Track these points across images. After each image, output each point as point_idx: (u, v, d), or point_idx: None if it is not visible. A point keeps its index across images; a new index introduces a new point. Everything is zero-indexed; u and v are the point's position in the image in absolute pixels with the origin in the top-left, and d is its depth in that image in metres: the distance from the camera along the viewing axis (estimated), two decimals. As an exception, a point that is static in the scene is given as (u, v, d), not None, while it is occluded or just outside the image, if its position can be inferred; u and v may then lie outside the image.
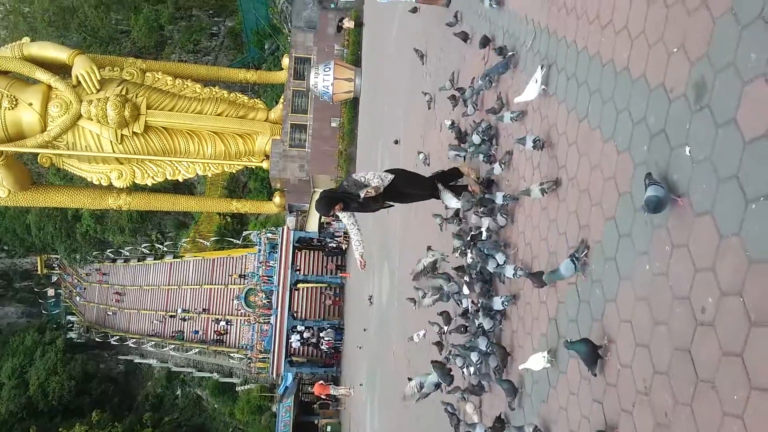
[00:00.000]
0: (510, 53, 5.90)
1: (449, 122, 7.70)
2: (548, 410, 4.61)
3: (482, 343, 5.61)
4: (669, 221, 3.20)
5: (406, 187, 6.57)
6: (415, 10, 12.08)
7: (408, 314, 11.58)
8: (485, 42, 6.72)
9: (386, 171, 6.50)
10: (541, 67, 4.94)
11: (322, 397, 26.27)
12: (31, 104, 25.17)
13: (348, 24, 28.30)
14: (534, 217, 5.17)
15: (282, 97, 29.30)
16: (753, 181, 2.62)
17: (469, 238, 6.24)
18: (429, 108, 10.03)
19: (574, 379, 4.21)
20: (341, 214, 6.47)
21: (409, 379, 6.81)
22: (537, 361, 4.56)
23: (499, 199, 5.67)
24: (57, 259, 56.29)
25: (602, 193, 3.96)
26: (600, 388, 3.83)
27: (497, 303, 5.61)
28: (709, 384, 2.81)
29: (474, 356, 5.67)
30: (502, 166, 5.98)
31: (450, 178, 6.88)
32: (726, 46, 2.83)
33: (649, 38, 3.49)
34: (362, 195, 6.14)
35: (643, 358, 3.37)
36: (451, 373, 6.28)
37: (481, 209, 5.98)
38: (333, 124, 28.57)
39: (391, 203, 6.81)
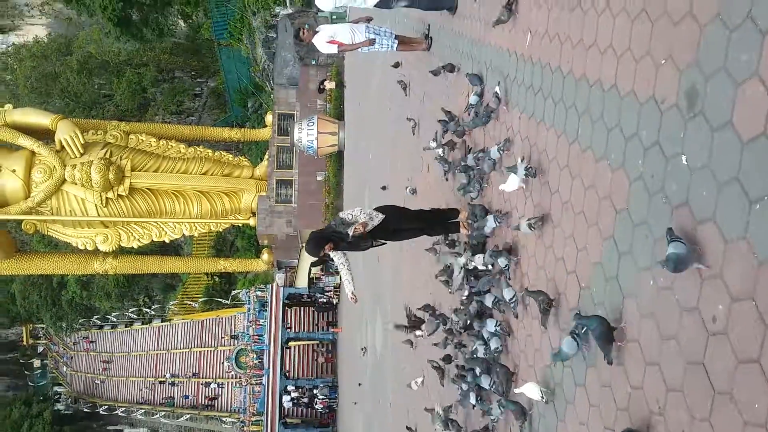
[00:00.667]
0: (495, 95, 5.91)
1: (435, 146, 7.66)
2: (558, 444, 4.44)
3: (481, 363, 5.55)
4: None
5: (397, 223, 6.49)
6: (397, 65, 12.23)
7: (404, 361, 11.35)
8: (451, 68, 6.87)
9: (376, 209, 6.42)
10: (522, 160, 5.01)
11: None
12: (14, 171, 25.07)
13: (329, 85, 28.71)
14: (529, 247, 5.09)
15: (266, 153, 29.44)
16: (755, 182, 2.57)
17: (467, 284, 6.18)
18: (413, 134, 10.13)
19: (583, 409, 4.07)
20: (332, 254, 6.37)
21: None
22: (532, 390, 4.47)
23: (489, 225, 5.64)
24: (43, 328, 55.12)
25: (598, 214, 3.90)
26: (611, 414, 3.68)
27: (490, 326, 5.54)
28: (726, 395, 2.70)
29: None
30: (498, 220, 5.87)
31: (445, 216, 6.83)
32: (715, 51, 2.83)
33: (635, 53, 3.50)
34: (350, 233, 6.06)
35: (655, 377, 3.25)
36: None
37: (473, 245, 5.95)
38: (319, 178, 28.66)
39: (383, 241, 6.73)
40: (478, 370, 5.56)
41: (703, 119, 2.91)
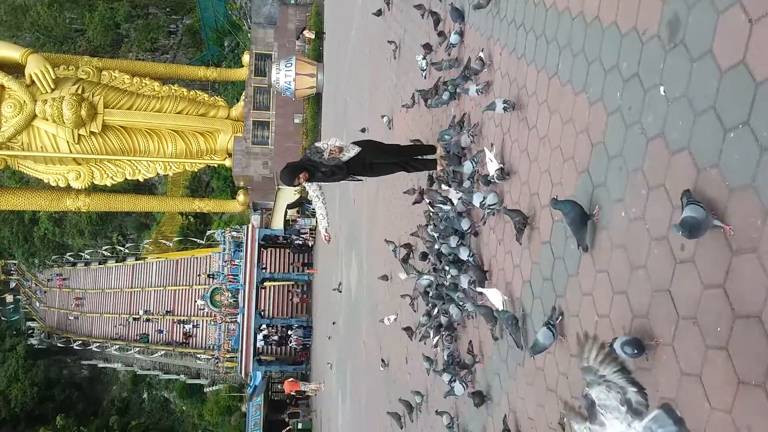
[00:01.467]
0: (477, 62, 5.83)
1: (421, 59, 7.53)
2: (525, 373, 4.58)
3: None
4: (645, 164, 3.18)
5: (374, 156, 6.46)
6: (379, 12, 11.93)
7: (378, 300, 11.52)
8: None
9: (353, 143, 6.38)
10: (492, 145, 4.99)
11: (293, 394, 26.10)
12: (-18, 105, 24.38)
13: (309, 35, 28.03)
14: (504, 185, 5.12)
15: (243, 94, 28.96)
16: (730, 110, 2.60)
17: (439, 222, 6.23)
18: (395, 58, 10.07)
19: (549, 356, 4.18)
20: (307, 185, 6.33)
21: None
22: (495, 296, 4.71)
23: (467, 168, 5.64)
24: (15, 264, 54.76)
25: (575, 148, 3.93)
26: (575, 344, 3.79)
27: (463, 253, 5.62)
28: (690, 320, 2.79)
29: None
30: (472, 138, 5.95)
31: (421, 152, 6.82)
32: (699, -22, 2.81)
33: (619, -17, 3.47)
34: (326, 156, 6.04)
35: (622, 306, 3.34)
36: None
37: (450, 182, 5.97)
38: (296, 120, 28.35)
39: (360, 177, 6.71)
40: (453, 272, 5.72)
41: (683, 49, 2.91)
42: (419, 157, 6.81)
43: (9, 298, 56.71)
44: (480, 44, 5.85)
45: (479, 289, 5.12)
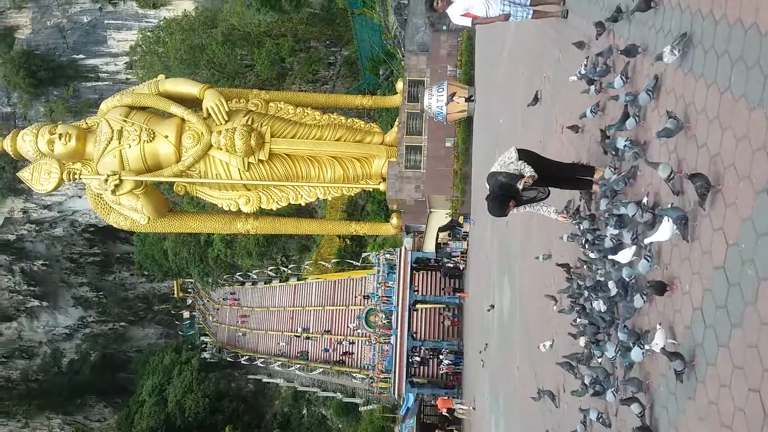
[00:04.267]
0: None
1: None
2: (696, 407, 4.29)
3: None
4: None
5: (551, 171, 6.48)
6: (536, 100, 11.20)
7: (532, 327, 11.28)
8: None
9: (519, 157, 6.32)
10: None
11: (445, 414, 26.09)
12: (166, 137, 27.16)
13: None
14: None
15: (397, 120, 29.78)
16: None
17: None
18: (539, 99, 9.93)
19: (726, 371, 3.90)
20: (515, 210, 6.44)
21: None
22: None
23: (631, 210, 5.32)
24: (191, 282, 59.94)
25: (751, 165, 3.67)
26: (756, 377, 3.51)
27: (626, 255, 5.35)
28: None
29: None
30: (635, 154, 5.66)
31: (580, 171, 6.67)
32: None
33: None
34: (520, 187, 6.08)
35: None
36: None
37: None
38: (447, 144, 28.60)
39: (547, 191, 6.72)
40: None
41: None
42: (580, 176, 6.68)
43: (186, 314, 62.16)
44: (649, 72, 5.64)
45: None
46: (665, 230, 4.48)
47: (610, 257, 5.56)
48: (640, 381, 5.33)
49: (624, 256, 5.23)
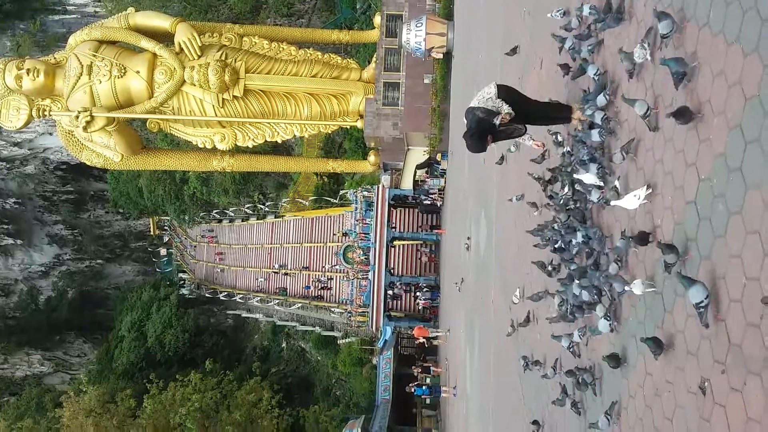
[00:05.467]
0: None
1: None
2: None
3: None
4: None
5: (528, 109, 6.53)
6: (514, 51, 11.10)
7: (507, 262, 11.51)
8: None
9: (498, 94, 6.32)
10: (647, 187, 4.78)
11: (421, 340, 26.94)
12: (138, 72, 26.52)
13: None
14: (647, 141, 4.95)
15: (374, 56, 29.31)
16: None
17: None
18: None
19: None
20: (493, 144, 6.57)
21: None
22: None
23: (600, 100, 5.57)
24: (168, 220, 59.74)
25: (726, 101, 3.74)
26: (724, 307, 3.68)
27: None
28: None
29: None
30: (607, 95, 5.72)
31: (559, 111, 6.71)
32: None
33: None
34: (497, 123, 6.11)
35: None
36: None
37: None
38: (426, 81, 28.31)
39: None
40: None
41: None
42: (556, 115, 6.74)
43: (163, 251, 62.18)
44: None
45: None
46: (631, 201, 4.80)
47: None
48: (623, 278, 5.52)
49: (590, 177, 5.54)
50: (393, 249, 31.40)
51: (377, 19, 29.76)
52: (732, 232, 3.63)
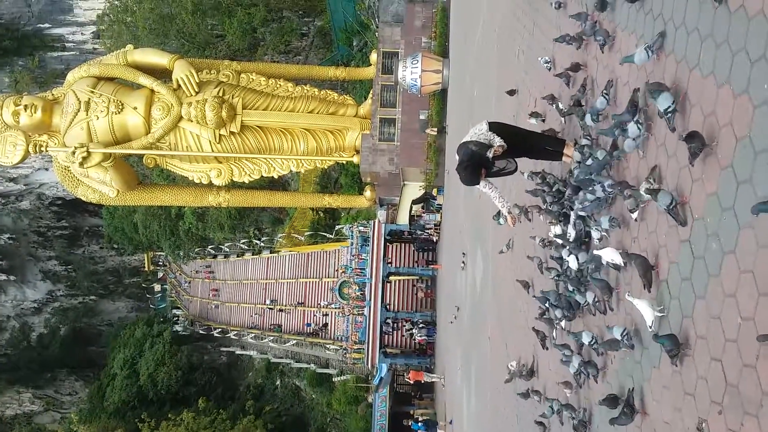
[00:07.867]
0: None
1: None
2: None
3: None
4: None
5: (522, 143, 6.53)
6: (512, 92, 11.29)
7: (503, 298, 11.46)
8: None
9: (490, 129, 6.34)
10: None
11: (420, 381, 26.61)
12: (135, 108, 26.63)
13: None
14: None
15: (371, 92, 29.62)
16: None
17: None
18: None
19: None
20: (482, 183, 6.44)
21: None
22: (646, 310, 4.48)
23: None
24: (162, 256, 59.47)
25: (718, 142, 3.77)
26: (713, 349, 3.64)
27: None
28: None
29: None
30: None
31: (553, 144, 6.74)
32: None
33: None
34: (490, 156, 6.10)
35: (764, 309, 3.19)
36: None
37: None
38: (422, 117, 28.59)
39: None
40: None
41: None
42: (550, 148, 6.77)
43: (157, 287, 61.78)
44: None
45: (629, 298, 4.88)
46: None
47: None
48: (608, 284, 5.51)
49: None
50: (388, 285, 31.28)
51: (373, 56, 30.14)
52: (726, 272, 3.62)
